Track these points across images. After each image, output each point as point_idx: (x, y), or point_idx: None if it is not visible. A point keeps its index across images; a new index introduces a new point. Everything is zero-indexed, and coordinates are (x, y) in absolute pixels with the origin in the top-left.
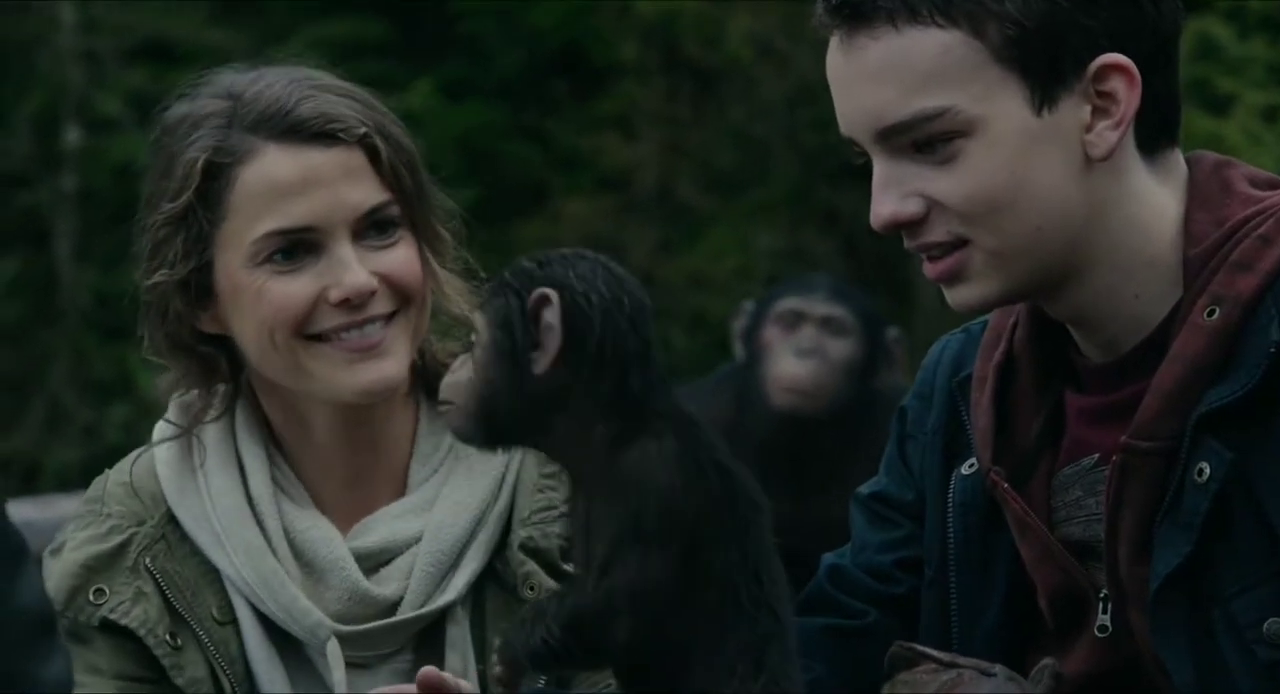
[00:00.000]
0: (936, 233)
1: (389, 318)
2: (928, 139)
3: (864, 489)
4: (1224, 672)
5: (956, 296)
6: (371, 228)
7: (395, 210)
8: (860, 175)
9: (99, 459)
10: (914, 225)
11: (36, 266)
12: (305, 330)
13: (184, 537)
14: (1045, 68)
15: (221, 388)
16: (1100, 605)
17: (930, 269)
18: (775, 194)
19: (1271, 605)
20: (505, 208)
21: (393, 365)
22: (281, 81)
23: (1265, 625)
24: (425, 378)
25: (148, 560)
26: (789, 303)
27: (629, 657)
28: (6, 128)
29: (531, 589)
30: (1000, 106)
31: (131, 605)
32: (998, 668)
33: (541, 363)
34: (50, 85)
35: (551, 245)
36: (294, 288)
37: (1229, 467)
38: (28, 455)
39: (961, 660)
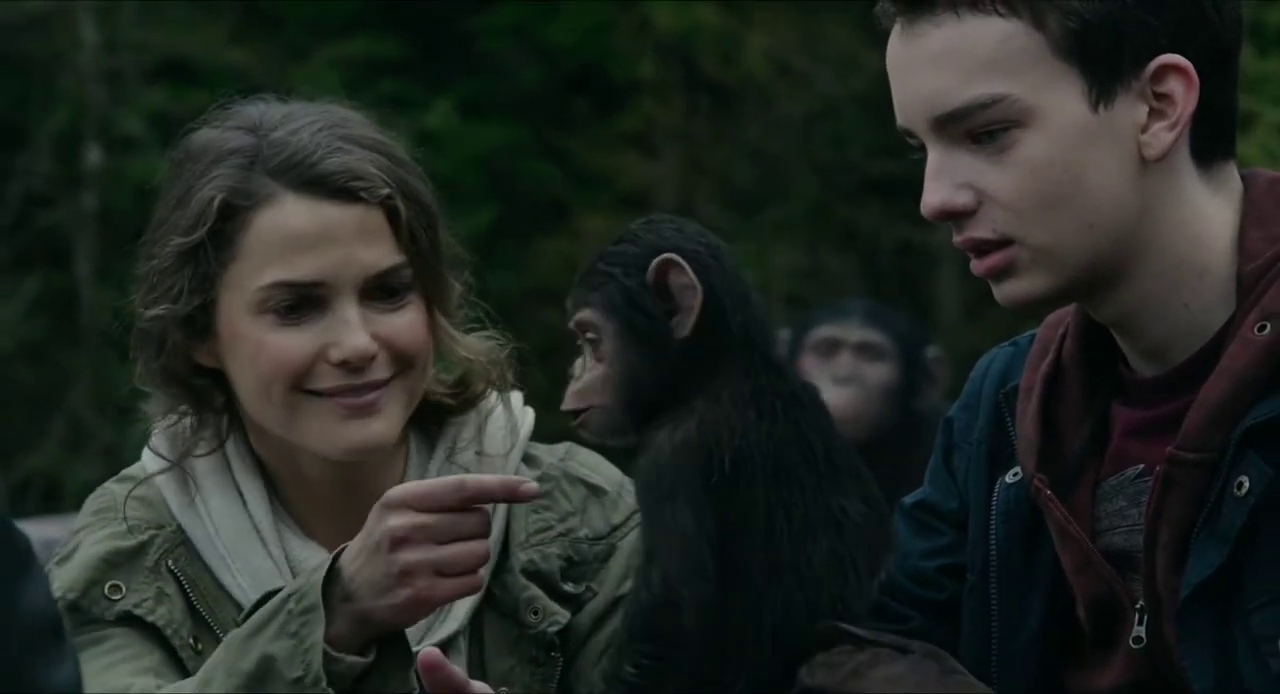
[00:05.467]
0: (983, 229)
1: (386, 381)
2: (984, 127)
3: (908, 499)
4: (1243, 685)
5: (1004, 292)
6: (380, 289)
7: (407, 273)
8: (879, 193)
9: None
10: (963, 217)
11: (57, 286)
12: (303, 385)
13: (198, 553)
14: (1104, 63)
15: (213, 420)
16: (1136, 617)
17: (977, 265)
18: (794, 212)
19: None
20: (525, 226)
21: (384, 426)
22: (311, 127)
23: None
24: (417, 411)
25: (170, 562)
26: (824, 330)
27: (708, 632)
28: (28, 147)
29: (535, 614)
30: (1057, 99)
31: (155, 604)
32: (916, 645)
33: (686, 324)
34: (72, 105)
35: (570, 263)
36: (294, 343)
37: (1269, 483)
38: (48, 474)
39: (883, 639)
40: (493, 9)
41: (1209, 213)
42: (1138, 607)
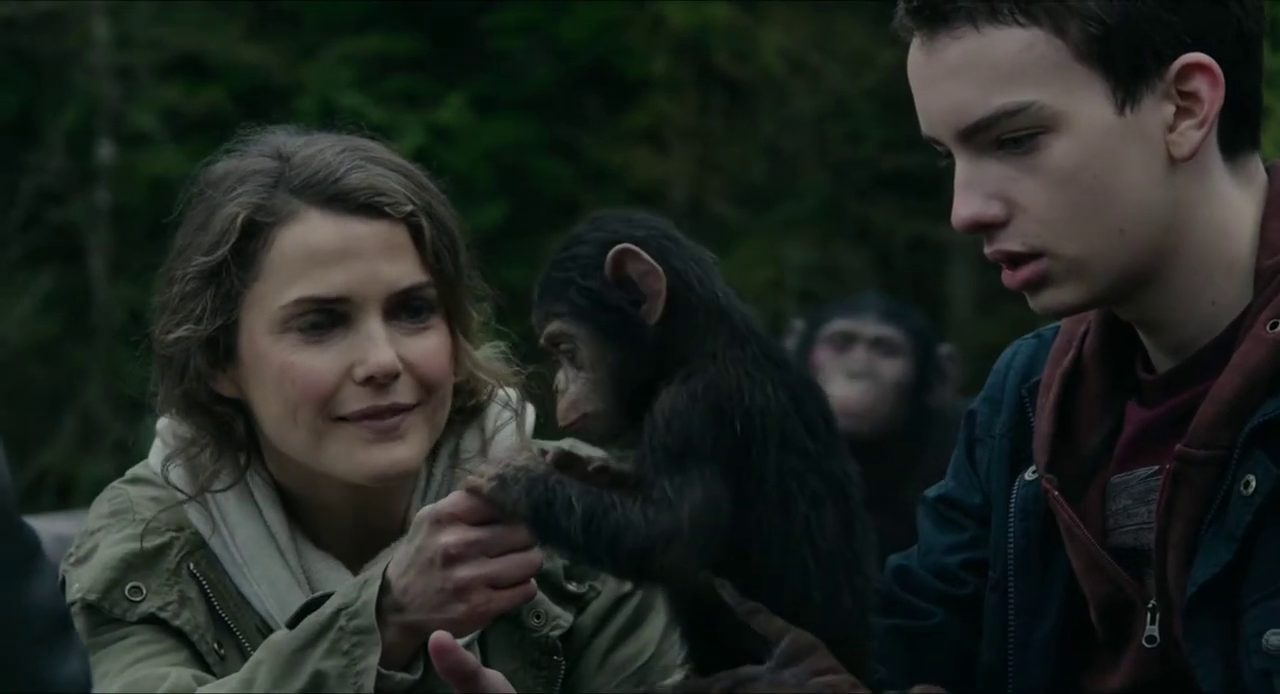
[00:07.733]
0: (1014, 242)
1: (411, 407)
2: (1011, 133)
3: (931, 492)
4: (1244, 682)
5: (1039, 302)
6: (404, 308)
7: (431, 293)
8: (892, 189)
9: None
10: (994, 229)
11: (70, 282)
12: (330, 412)
13: (216, 559)
14: (1127, 66)
15: (232, 452)
16: (1149, 616)
17: (1010, 277)
18: (806, 208)
19: (1277, 617)
20: (536, 222)
21: (408, 450)
22: (334, 148)
23: (1265, 636)
24: None
25: (191, 565)
26: (840, 324)
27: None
28: (41, 143)
29: (538, 617)
30: (1083, 104)
31: (180, 608)
32: (785, 640)
33: (656, 309)
34: (85, 101)
35: None
36: (320, 363)
37: (1275, 481)
38: (61, 470)
39: (756, 621)
40: (505, 6)
41: (1237, 206)
42: (1150, 606)
